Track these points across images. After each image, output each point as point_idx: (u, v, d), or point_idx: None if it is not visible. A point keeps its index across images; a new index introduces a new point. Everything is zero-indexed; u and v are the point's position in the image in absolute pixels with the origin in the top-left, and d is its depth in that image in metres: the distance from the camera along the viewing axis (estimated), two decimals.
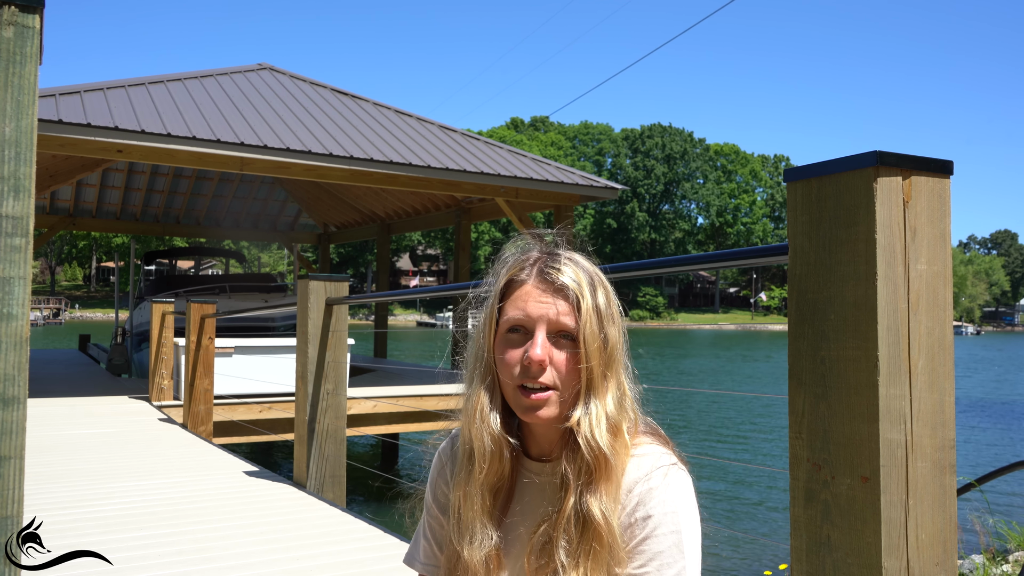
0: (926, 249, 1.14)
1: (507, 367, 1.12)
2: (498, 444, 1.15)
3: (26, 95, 0.92)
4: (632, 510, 1.09)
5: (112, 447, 5.83)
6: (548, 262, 1.15)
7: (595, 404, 1.10)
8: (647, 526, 1.08)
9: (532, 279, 1.14)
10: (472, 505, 1.16)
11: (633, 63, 62.44)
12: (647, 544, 1.07)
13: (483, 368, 1.17)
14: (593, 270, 1.16)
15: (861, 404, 1.11)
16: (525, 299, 1.13)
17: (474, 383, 1.18)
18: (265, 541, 3.44)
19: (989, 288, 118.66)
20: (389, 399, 8.86)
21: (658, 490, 1.09)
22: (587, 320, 1.10)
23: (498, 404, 1.16)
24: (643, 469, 1.11)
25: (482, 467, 1.15)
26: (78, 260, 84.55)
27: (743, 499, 10.24)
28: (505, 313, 1.14)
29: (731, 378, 26.83)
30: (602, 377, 1.12)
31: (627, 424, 1.13)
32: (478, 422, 1.15)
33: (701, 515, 1.13)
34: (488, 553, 1.15)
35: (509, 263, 1.18)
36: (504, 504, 1.19)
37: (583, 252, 1.19)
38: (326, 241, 18.42)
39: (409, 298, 3.95)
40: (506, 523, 1.19)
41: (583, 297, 1.11)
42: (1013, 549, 5.33)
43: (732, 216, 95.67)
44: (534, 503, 1.17)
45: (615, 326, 1.14)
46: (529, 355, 1.09)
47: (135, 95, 9.30)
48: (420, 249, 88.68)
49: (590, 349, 1.10)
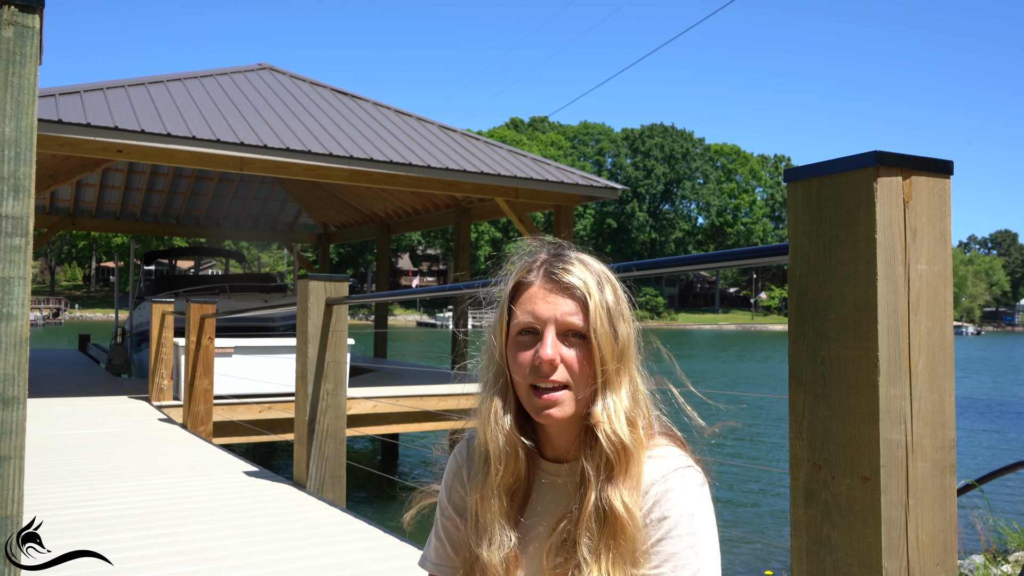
0: (926, 249, 1.14)
1: (519, 369, 1.13)
2: (513, 445, 1.15)
3: (26, 95, 0.92)
4: (648, 511, 1.09)
5: (112, 447, 5.82)
6: (554, 262, 1.16)
7: (612, 399, 1.11)
8: (663, 527, 1.08)
9: (539, 280, 1.15)
10: (490, 507, 1.16)
11: (633, 63, 62.51)
12: (663, 545, 1.07)
13: (496, 371, 1.18)
14: (601, 268, 1.17)
15: (861, 404, 1.11)
16: (533, 301, 1.14)
17: (488, 386, 1.19)
18: (265, 541, 3.44)
19: (989, 288, 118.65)
20: (389, 399, 8.86)
21: (674, 492, 1.09)
22: (596, 317, 1.11)
23: (512, 406, 1.17)
24: (660, 471, 1.11)
25: (498, 468, 1.16)
26: (78, 260, 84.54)
27: (743, 498, 10.24)
28: (515, 316, 1.15)
29: (746, 380, 26.82)
30: (615, 373, 1.12)
31: (642, 420, 1.14)
32: (492, 424, 1.17)
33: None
34: (507, 555, 1.15)
35: (517, 266, 1.20)
36: (521, 505, 1.19)
37: (592, 252, 1.20)
38: (326, 241, 18.42)
39: (409, 298, 3.95)
40: (523, 524, 1.19)
41: (590, 295, 1.11)
42: (1013, 549, 5.33)
43: (732, 216, 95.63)
44: (551, 504, 1.17)
45: (626, 323, 1.15)
46: (539, 355, 1.10)
47: (135, 95, 9.30)
48: (420, 249, 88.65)
49: (602, 345, 1.11)
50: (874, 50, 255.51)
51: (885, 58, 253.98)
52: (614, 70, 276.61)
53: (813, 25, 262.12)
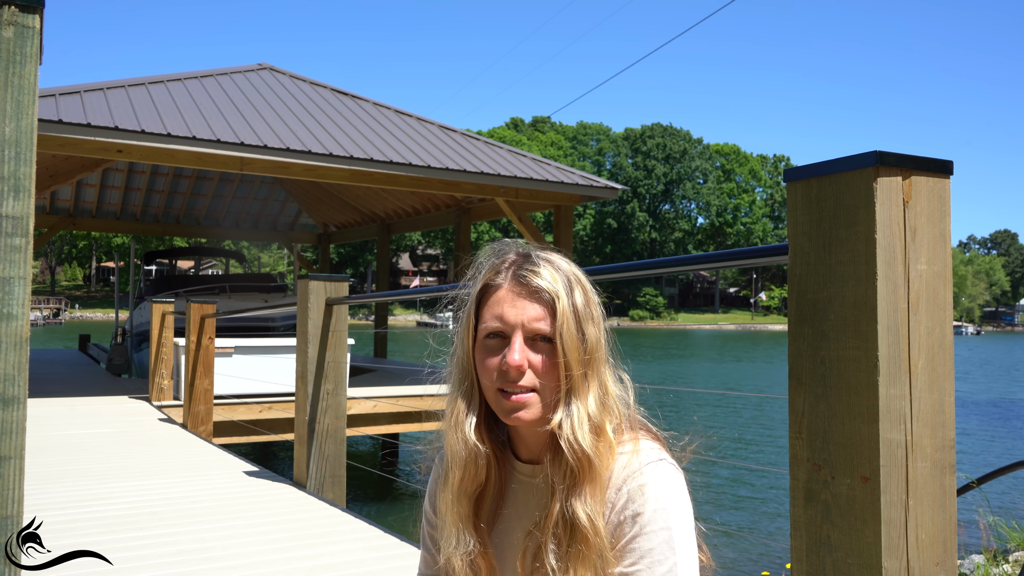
0: (926, 249, 1.14)
1: (487, 372, 1.12)
2: (471, 451, 1.14)
3: (26, 95, 0.92)
4: (622, 508, 1.08)
5: (112, 447, 5.82)
6: (523, 264, 1.14)
7: (577, 406, 1.09)
8: (637, 523, 1.07)
9: (507, 283, 1.13)
10: (451, 510, 1.16)
11: (633, 63, 62.47)
12: (637, 542, 1.06)
13: (461, 374, 1.17)
14: (570, 270, 1.15)
15: (861, 404, 1.11)
16: (501, 304, 1.12)
17: (453, 388, 1.18)
18: (265, 541, 3.44)
19: (989, 288, 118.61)
20: (389, 399, 8.86)
21: (647, 487, 1.08)
22: (563, 322, 1.09)
23: (476, 410, 1.15)
24: (632, 466, 1.10)
25: (457, 473, 1.15)
26: (78, 260, 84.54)
27: (742, 498, 10.24)
28: (483, 319, 1.14)
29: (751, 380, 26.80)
30: (583, 378, 1.10)
31: (611, 424, 1.12)
32: (453, 429, 1.15)
33: (703, 514, 1.13)
34: (472, 558, 1.15)
35: (484, 268, 1.18)
36: (495, 508, 1.19)
37: (560, 253, 1.18)
38: (326, 241, 18.42)
39: (409, 298, 3.95)
40: (499, 527, 1.18)
41: (559, 298, 1.10)
42: (1013, 549, 5.33)
43: (732, 216, 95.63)
44: (527, 506, 1.17)
45: (594, 325, 1.12)
46: (507, 361, 1.09)
47: (135, 95, 9.30)
48: (420, 249, 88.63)
49: (568, 350, 1.09)
50: (874, 50, 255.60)
51: (885, 58, 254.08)
52: (614, 70, 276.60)
53: (813, 25, 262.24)
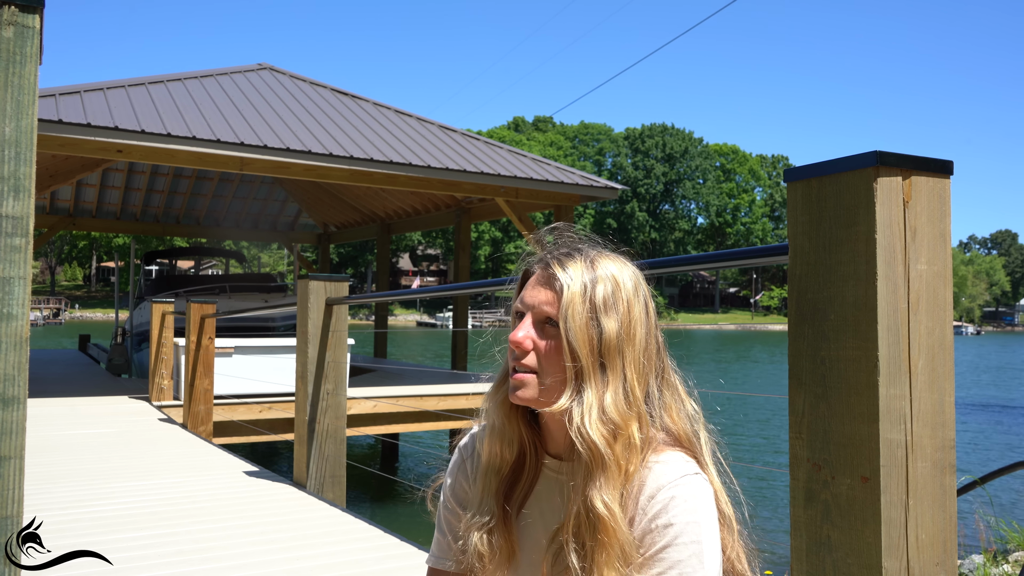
0: (926, 249, 1.14)
1: (509, 352, 1.16)
2: (501, 425, 1.18)
3: (26, 95, 0.92)
4: (654, 516, 1.07)
5: (112, 447, 5.82)
6: (555, 252, 1.17)
7: (588, 396, 1.09)
8: (668, 534, 1.06)
9: (538, 269, 1.18)
10: (481, 480, 1.21)
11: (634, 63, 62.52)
12: (667, 552, 1.06)
13: (507, 352, 1.21)
14: (603, 262, 1.15)
15: (861, 404, 1.11)
16: (528, 288, 1.17)
17: (503, 366, 1.23)
18: (265, 541, 3.44)
19: (989, 288, 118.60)
20: (389, 399, 8.86)
21: (681, 499, 1.07)
22: (568, 307, 1.10)
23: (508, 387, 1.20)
24: (667, 476, 1.09)
25: (487, 446, 1.20)
26: (78, 260, 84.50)
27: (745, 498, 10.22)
28: (516, 300, 1.20)
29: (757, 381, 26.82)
30: (598, 369, 1.10)
31: (637, 422, 1.11)
32: (489, 400, 1.21)
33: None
34: (491, 534, 1.16)
35: (529, 256, 1.23)
36: (523, 498, 1.20)
37: (617, 251, 1.20)
38: (326, 241, 18.42)
39: (409, 298, 3.95)
40: (523, 524, 1.19)
41: (568, 287, 1.11)
42: (1013, 549, 5.33)
43: (732, 216, 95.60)
44: (552, 500, 1.18)
45: (616, 320, 1.11)
46: (510, 337, 1.14)
47: (135, 95, 9.30)
48: (420, 249, 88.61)
49: (573, 337, 1.10)
50: (873, 50, 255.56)
51: (884, 57, 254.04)
52: (615, 70, 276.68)
53: (813, 26, 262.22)
